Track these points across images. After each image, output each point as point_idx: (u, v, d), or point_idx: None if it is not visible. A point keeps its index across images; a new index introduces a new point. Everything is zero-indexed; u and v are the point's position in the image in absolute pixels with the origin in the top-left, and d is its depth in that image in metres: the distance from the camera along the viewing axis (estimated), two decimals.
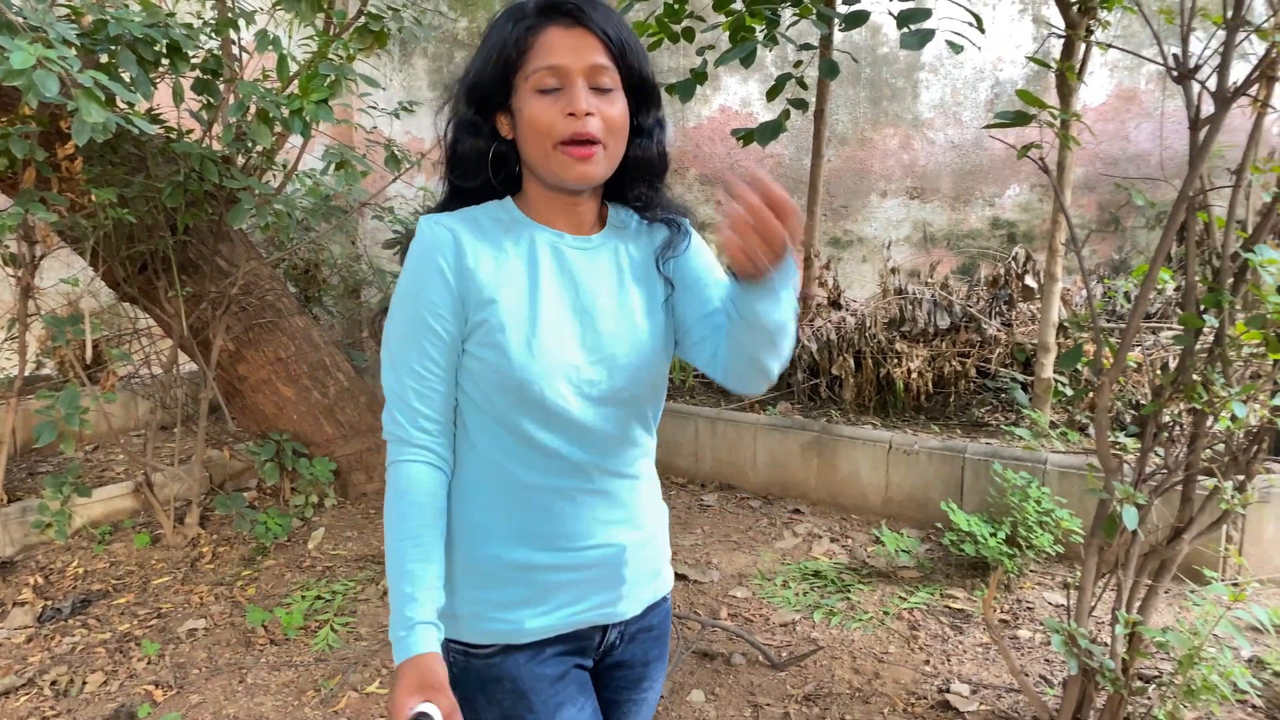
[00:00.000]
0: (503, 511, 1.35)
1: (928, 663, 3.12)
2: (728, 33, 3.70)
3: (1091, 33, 4.34)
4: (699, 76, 3.75)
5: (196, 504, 4.20)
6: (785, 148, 6.79)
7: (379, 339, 1.70)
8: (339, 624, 3.43)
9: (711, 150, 6.58)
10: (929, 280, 6.15)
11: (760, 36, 3.61)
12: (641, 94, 1.37)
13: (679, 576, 3.78)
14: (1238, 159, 2.43)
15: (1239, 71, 2.39)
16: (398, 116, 4.65)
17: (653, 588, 1.49)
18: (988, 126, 2.54)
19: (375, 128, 5.18)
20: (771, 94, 3.69)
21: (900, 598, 3.56)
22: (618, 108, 1.31)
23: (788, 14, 3.65)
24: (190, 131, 3.98)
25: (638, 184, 1.43)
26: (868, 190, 6.90)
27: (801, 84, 3.65)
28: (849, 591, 3.61)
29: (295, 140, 4.51)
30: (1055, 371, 4.49)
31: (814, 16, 3.59)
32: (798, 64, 3.59)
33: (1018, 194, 6.87)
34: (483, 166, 1.36)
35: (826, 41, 4.76)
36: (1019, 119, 2.58)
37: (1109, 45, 2.79)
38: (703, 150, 6.65)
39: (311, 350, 4.54)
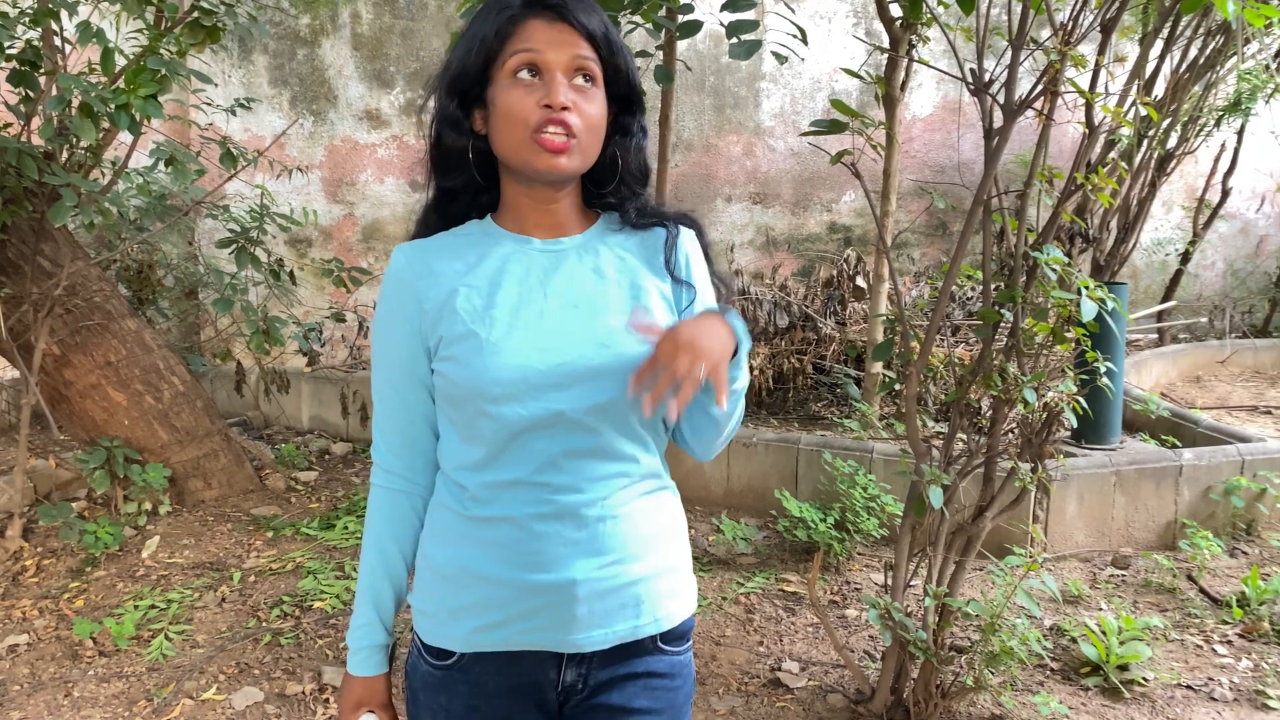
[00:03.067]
0: (466, 520, 1.32)
1: (761, 643, 3.27)
2: None
3: (913, 47, 4.62)
4: None
5: (19, 516, 3.99)
6: None
7: None
8: (174, 632, 3.34)
9: None
10: (771, 282, 6.39)
11: None
12: (624, 95, 1.34)
13: None
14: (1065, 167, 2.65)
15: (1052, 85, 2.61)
16: (234, 113, 4.54)
17: (630, 625, 1.33)
18: (804, 134, 2.70)
19: (211, 124, 5.04)
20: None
21: (738, 583, 3.71)
22: (596, 105, 1.28)
23: (625, 22, 3.75)
24: (8, 125, 3.80)
25: (619, 187, 1.38)
26: (714, 195, 7.10)
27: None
28: None
29: (126, 137, 4.34)
30: (884, 366, 4.76)
31: (650, 25, 3.71)
32: None
33: (853, 200, 7.20)
34: (464, 163, 1.33)
35: (670, 49, 4.90)
36: (833, 127, 2.74)
37: (924, 62, 2.99)
38: None
39: (144, 354, 4.38)
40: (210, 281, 5.54)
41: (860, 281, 5.67)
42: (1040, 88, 2.50)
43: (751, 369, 5.33)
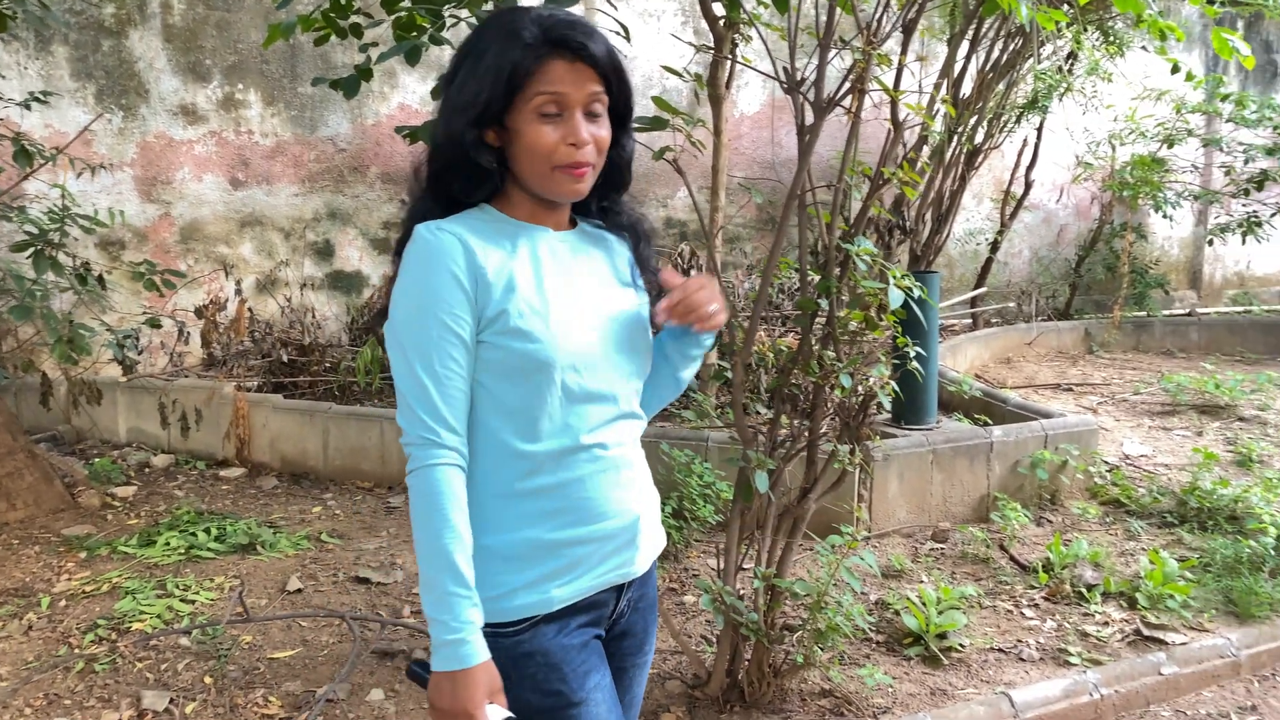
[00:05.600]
0: (524, 496, 1.42)
1: None
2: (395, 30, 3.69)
3: (736, 46, 4.74)
4: (364, 73, 3.72)
5: None
6: None
7: (383, 344, 1.67)
8: None
9: (393, 148, 6.51)
10: None
11: (426, 37, 3.64)
12: (623, 114, 1.49)
13: (363, 580, 3.74)
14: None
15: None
16: (28, 108, 4.24)
17: (655, 544, 1.59)
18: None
19: (3, 119, 4.69)
20: (435, 93, 3.73)
21: None
22: (605, 130, 1.44)
23: (448, 16, 3.70)
24: None
25: (608, 191, 1.56)
26: None
27: None
28: None
29: None
30: (718, 357, 4.87)
31: (474, 18, 3.67)
32: None
33: (687, 196, 7.34)
34: (478, 177, 1.43)
35: None
36: (655, 125, 2.79)
37: (745, 61, 3.07)
38: (383, 148, 6.56)
39: None
40: (9, 288, 5.15)
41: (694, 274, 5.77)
42: (848, 86, 2.62)
43: None
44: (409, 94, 6.56)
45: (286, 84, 6.33)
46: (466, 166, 1.42)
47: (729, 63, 4.90)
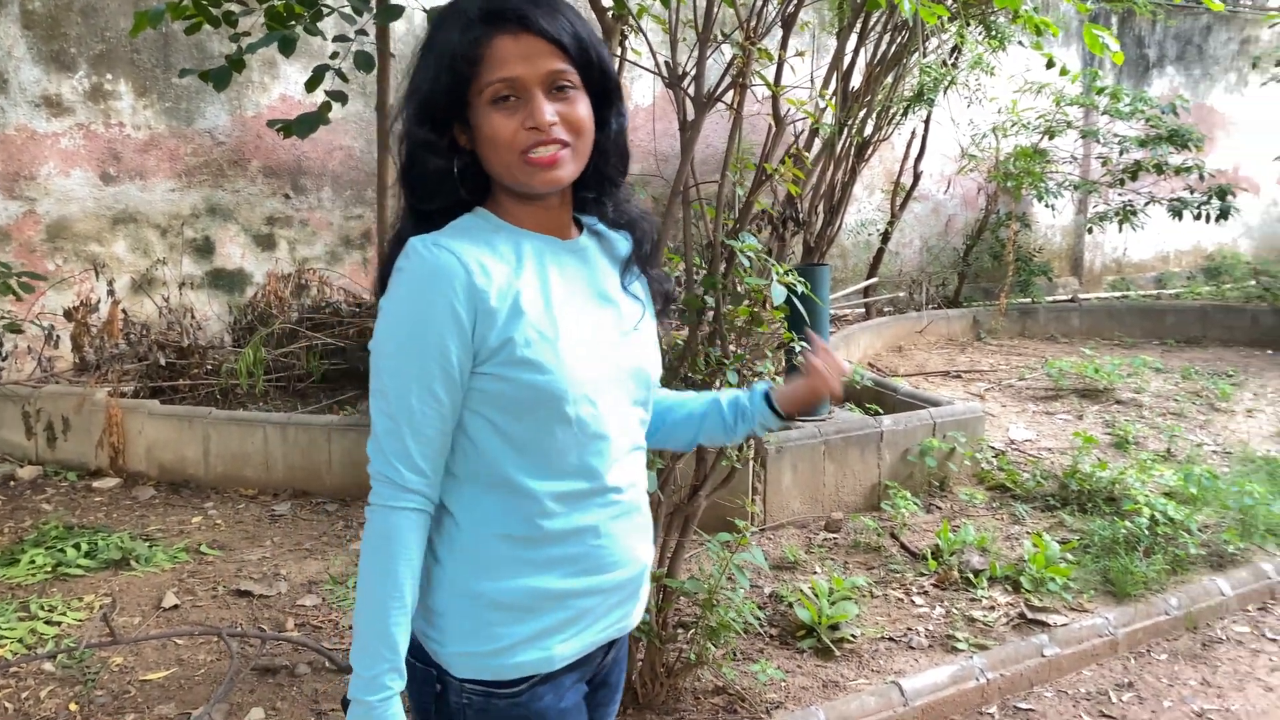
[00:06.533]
0: (532, 540, 1.29)
1: None
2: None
3: (625, 38, 4.69)
4: (236, 64, 3.56)
5: None
6: (355, 140, 6.65)
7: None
8: None
9: (275, 141, 6.28)
10: None
11: (301, 28, 3.50)
12: (601, 88, 1.31)
13: (244, 593, 3.59)
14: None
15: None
16: None
17: (645, 593, 1.46)
18: None
19: None
20: (310, 85, 3.60)
21: None
22: (580, 107, 1.27)
23: (321, 4, 3.56)
24: None
25: (601, 181, 1.37)
26: None
27: (341, 76, 3.60)
28: None
29: None
30: None
31: (351, 8, 3.55)
32: (334, 55, 3.53)
33: None
34: (446, 185, 1.28)
35: (383, 32, 4.72)
36: None
37: (636, 53, 3.01)
38: (265, 141, 6.32)
39: None
40: None
41: None
42: (729, 81, 2.59)
43: None
44: (291, 85, 6.34)
45: (159, 74, 6.04)
46: (423, 171, 1.28)
47: (620, 55, 4.86)
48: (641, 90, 7.39)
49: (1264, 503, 4.09)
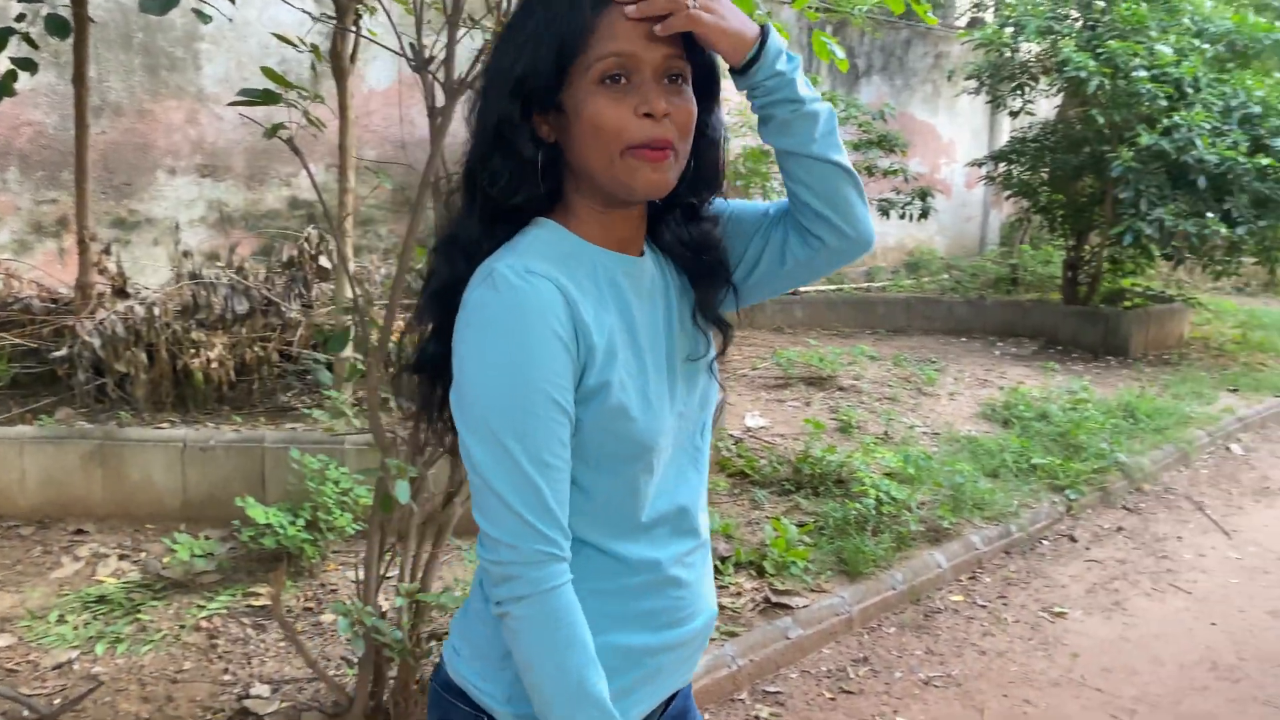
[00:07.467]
0: (616, 595, 1.16)
1: (227, 671, 2.96)
2: None
3: (360, 17, 4.44)
4: None
5: None
6: (48, 115, 5.92)
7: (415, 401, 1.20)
8: None
9: None
10: (227, 264, 5.86)
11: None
12: (706, 87, 1.15)
13: None
14: None
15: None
16: None
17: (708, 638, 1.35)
18: (232, 103, 2.42)
19: None
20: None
21: (199, 606, 3.32)
22: (690, 105, 1.11)
23: None
24: None
25: (698, 189, 1.21)
26: (153, 167, 6.34)
27: (30, 42, 3.15)
28: (139, 612, 3.27)
29: None
30: (356, 351, 4.58)
31: None
32: (20, 17, 3.09)
33: (315, 174, 6.86)
34: (530, 178, 1.11)
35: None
36: (267, 98, 2.50)
37: (371, 34, 2.83)
38: None
39: None
40: None
41: (324, 261, 5.41)
42: (480, 66, 2.48)
43: (209, 361, 4.84)
44: None
45: None
46: (514, 160, 1.11)
47: (354, 35, 4.60)
48: (377, 74, 7.09)
49: (971, 480, 4.50)
